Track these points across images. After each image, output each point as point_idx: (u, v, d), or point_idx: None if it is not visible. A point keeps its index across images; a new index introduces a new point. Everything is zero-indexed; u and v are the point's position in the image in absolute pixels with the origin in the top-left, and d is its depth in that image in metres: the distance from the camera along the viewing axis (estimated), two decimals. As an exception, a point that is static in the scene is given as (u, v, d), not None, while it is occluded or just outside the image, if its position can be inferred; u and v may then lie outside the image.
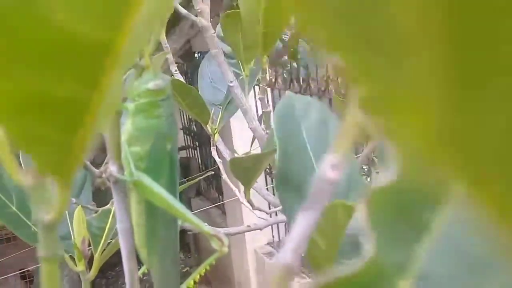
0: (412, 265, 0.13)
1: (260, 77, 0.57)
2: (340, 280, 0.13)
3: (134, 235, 0.32)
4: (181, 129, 3.32)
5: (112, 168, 0.31)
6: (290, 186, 0.37)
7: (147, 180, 0.31)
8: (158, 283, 0.34)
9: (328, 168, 0.15)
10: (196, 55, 2.68)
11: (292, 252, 0.16)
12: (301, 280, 2.12)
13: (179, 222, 0.36)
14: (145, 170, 0.32)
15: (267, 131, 0.61)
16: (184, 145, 3.40)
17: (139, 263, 0.32)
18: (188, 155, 3.40)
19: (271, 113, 0.64)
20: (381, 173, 0.14)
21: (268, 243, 2.51)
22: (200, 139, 3.14)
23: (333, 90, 1.92)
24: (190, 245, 3.24)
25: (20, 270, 2.36)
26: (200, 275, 0.35)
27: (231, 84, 0.61)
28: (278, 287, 0.16)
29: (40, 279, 0.19)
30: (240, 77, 0.67)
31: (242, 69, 0.66)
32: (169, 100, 0.32)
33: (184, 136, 3.44)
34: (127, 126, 0.32)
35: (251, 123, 0.62)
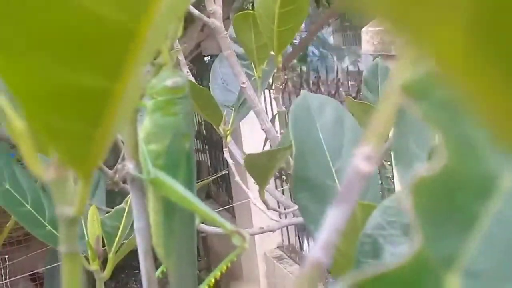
0: (461, 258, 0.12)
1: (274, 77, 0.57)
2: (385, 274, 0.12)
3: (152, 234, 0.32)
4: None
5: (129, 165, 0.30)
6: (306, 185, 0.36)
7: (165, 178, 0.31)
8: (175, 283, 0.34)
9: (361, 160, 0.15)
10: (206, 58, 2.68)
11: (322, 249, 0.15)
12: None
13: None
14: (163, 168, 0.31)
15: (282, 131, 0.61)
16: (194, 148, 3.39)
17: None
18: (198, 159, 3.40)
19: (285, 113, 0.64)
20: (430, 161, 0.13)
21: (278, 247, 2.50)
22: (210, 142, 3.14)
23: (343, 93, 1.92)
24: (199, 249, 3.24)
25: (30, 272, 2.36)
26: (212, 284, 0.34)
27: (243, 85, 0.61)
28: (307, 285, 0.16)
29: (61, 276, 0.19)
30: (253, 78, 0.66)
31: (254, 70, 0.66)
32: (187, 98, 0.32)
33: (194, 140, 3.44)
34: (145, 124, 0.32)
35: (264, 125, 0.62)
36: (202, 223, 0.61)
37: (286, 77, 2.06)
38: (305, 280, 0.15)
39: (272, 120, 0.69)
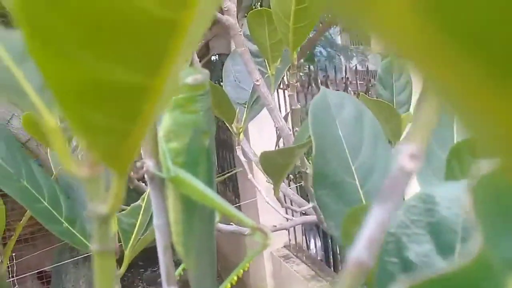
0: None
1: (289, 74, 0.57)
2: (446, 276, 0.12)
3: (172, 233, 0.32)
4: None
5: (149, 163, 0.30)
6: (326, 182, 0.36)
7: (185, 175, 0.30)
8: (195, 280, 0.34)
9: (407, 158, 0.14)
10: (213, 57, 2.67)
11: (366, 249, 0.15)
12: (317, 283, 2.11)
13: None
14: (183, 166, 0.31)
15: (296, 129, 0.61)
16: None
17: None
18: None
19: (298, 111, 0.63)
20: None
21: (284, 246, 2.49)
22: (218, 141, 3.14)
23: (352, 92, 1.91)
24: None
25: (36, 270, 2.37)
26: (220, 276, 0.34)
27: (257, 83, 0.61)
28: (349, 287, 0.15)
29: (94, 275, 0.19)
30: (266, 76, 0.66)
31: (268, 68, 0.65)
32: (207, 95, 0.31)
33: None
34: (165, 122, 0.32)
35: (278, 122, 0.62)
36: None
37: (301, 74, 2.06)
38: (348, 281, 0.15)
39: (285, 118, 0.69)
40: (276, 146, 0.74)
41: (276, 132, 0.92)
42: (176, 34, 0.14)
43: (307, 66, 2.36)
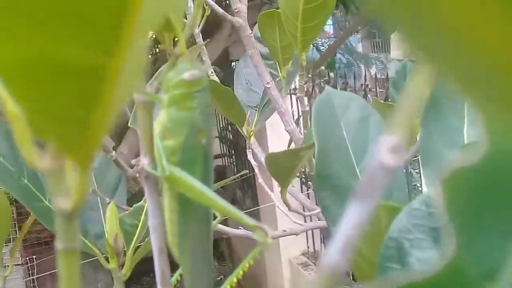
0: (505, 271, 0.10)
1: (298, 76, 0.55)
2: (414, 285, 0.10)
3: (167, 233, 0.31)
4: (216, 137, 3.32)
5: (144, 161, 0.29)
6: (329, 184, 0.34)
7: (180, 174, 0.29)
8: (190, 282, 0.32)
9: (386, 151, 0.13)
10: (233, 64, 2.68)
11: (339, 254, 0.13)
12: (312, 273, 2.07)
13: (213, 222, 0.34)
14: (178, 165, 0.30)
15: (305, 131, 0.59)
16: (220, 153, 3.40)
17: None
18: (224, 163, 3.39)
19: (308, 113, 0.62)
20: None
21: (302, 253, 2.47)
22: (236, 147, 3.13)
23: (371, 99, 1.89)
24: (224, 254, 3.22)
25: (55, 270, 2.39)
26: (234, 284, 0.32)
27: (267, 86, 0.59)
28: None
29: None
30: (277, 79, 0.65)
31: (279, 71, 0.64)
32: (205, 91, 0.30)
33: (220, 144, 3.43)
34: (160, 119, 0.30)
35: (288, 126, 0.60)
36: (224, 225, 0.60)
37: (313, 83, 2.04)
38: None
39: (297, 122, 0.67)
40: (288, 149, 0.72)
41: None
42: (132, 7, 0.13)
43: (327, 73, 2.35)
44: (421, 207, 0.27)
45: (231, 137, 3.24)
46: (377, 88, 1.99)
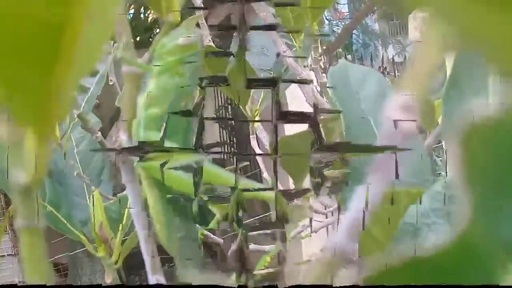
0: None
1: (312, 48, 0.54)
2: (424, 258, 0.10)
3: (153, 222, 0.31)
4: (216, 122, 2.96)
5: (122, 137, 0.29)
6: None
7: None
8: (179, 267, 0.33)
9: (397, 111, 0.12)
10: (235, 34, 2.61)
11: (347, 233, 0.13)
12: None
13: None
14: (157, 133, 0.30)
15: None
16: (218, 140, 3.12)
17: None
18: (223, 157, 3.13)
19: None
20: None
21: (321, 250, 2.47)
22: (239, 134, 2.85)
23: (390, 82, 1.88)
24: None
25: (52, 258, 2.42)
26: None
27: (284, 54, 0.57)
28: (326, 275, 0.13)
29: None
30: (294, 49, 0.63)
31: (293, 41, 0.63)
32: (198, 56, 0.30)
33: (219, 130, 2.95)
34: (148, 88, 0.31)
35: (310, 99, 0.57)
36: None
37: (330, 65, 2.02)
38: (321, 267, 0.13)
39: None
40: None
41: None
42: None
43: (344, 55, 2.34)
44: (444, 191, 0.27)
45: (233, 123, 2.87)
46: (396, 72, 1.97)
